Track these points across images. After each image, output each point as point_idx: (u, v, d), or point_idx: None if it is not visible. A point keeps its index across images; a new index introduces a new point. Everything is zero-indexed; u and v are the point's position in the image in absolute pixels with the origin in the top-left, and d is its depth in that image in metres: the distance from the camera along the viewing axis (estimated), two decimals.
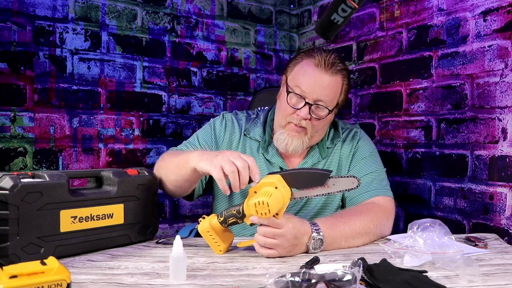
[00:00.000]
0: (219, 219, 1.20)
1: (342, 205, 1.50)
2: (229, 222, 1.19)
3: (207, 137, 1.52)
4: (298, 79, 1.40)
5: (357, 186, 1.21)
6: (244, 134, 1.51)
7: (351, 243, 1.26)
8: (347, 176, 1.21)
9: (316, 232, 1.18)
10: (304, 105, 1.37)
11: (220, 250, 1.20)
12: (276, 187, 1.11)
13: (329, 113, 1.40)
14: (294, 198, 1.19)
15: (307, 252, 1.19)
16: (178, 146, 1.53)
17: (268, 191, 1.10)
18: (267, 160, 1.48)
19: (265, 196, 1.09)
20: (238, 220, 1.19)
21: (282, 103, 1.43)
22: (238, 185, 1.13)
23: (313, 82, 1.37)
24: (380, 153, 1.56)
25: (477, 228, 1.62)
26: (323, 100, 1.38)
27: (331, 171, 1.20)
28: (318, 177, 1.17)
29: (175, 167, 1.32)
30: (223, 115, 1.57)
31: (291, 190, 1.16)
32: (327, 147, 1.50)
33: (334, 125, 1.55)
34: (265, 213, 1.09)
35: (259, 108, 1.64)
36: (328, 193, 1.20)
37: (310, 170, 1.23)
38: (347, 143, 1.51)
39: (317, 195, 1.20)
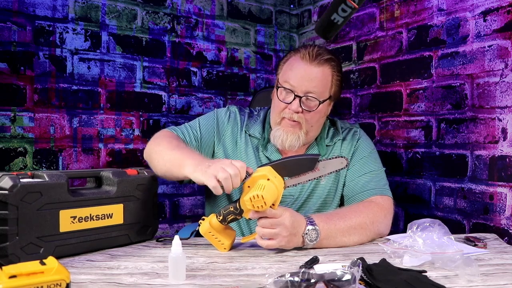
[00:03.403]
0: (219, 218, 1.21)
1: (341, 204, 1.51)
2: (229, 219, 1.20)
3: (209, 127, 1.52)
4: (286, 75, 1.43)
5: (346, 165, 1.25)
6: (245, 131, 1.52)
7: (347, 238, 1.27)
8: (335, 157, 1.25)
9: (311, 224, 1.20)
10: (294, 98, 1.39)
11: (225, 248, 1.21)
12: (268, 179, 1.13)
13: (319, 104, 1.41)
14: (288, 186, 1.21)
15: (303, 245, 1.20)
16: (178, 128, 1.52)
17: (261, 184, 1.12)
18: (267, 157, 1.49)
19: (259, 189, 1.11)
20: (237, 217, 1.20)
21: (274, 101, 1.47)
22: (231, 189, 1.14)
23: (300, 75, 1.40)
24: (380, 153, 1.56)
25: (477, 228, 1.62)
26: (312, 92, 1.40)
27: (319, 155, 1.24)
28: (308, 162, 1.20)
29: (168, 162, 1.31)
30: (228, 107, 1.58)
31: (283, 179, 1.17)
32: (327, 145, 1.51)
33: (333, 124, 1.57)
34: (261, 205, 1.11)
35: (260, 108, 1.65)
36: (320, 176, 1.23)
37: (298, 157, 1.24)
38: (347, 142, 1.52)
39: (309, 180, 1.23)
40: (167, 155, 1.32)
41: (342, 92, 2.21)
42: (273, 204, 1.14)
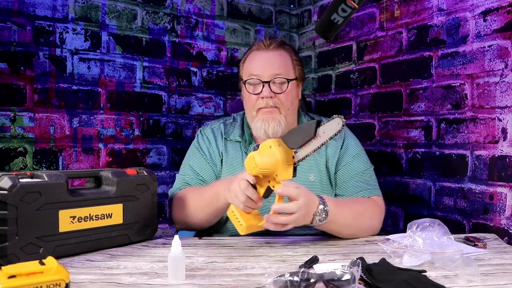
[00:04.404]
0: None
1: None
2: None
3: (201, 162, 1.53)
4: (249, 69, 1.48)
5: (343, 126, 1.17)
6: (225, 138, 1.54)
7: (347, 228, 1.31)
8: (332, 118, 1.17)
9: (323, 204, 1.22)
10: (263, 85, 1.44)
11: (242, 230, 1.20)
12: (270, 146, 1.13)
13: (288, 83, 1.45)
14: (299, 161, 1.16)
15: (312, 223, 1.22)
16: (180, 184, 1.52)
17: (260, 149, 1.15)
18: None
19: (255, 152, 1.14)
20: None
21: (245, 98, 1.51)
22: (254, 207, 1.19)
23: (261, 63, 1.46)
24: (380, 153, 1.56)
25: (477, 228, 1.62)
26: (278, 73, 1.45)
27: (319, 120, 1.16)
28: (309, 127, 1.13)
29: (206, 208, 1.37)
30: (200, 131, 1.60)
31: (294, 152, 1.15)
32: None
33: (312, 119, 1.60)
34: (253, 167, 1.13)
35: (236, 114, 1.66)
36: (323, 144, 1.17)
37: (302, 124, 1.21)
38: (331, 140, 1.51)
39: (315, 150, 1.17)
40: (201, 202, 1.37)
41: (342, 92, 2.23)
42: (276, 175, 1.14)
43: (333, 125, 1.17)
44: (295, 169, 1.16)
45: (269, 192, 1.19)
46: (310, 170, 1.49)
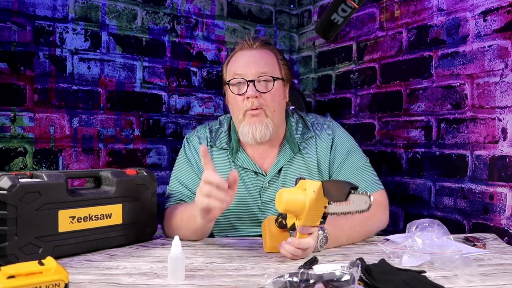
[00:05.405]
0: (275, 218, 1.22)
1: None
2: (278, 221, 1.20)
3: (190, 175, 1.46)
4: (233, 69, 1.42)
5: (368, 207, 1.03)
6: (211, 146, 1.48)
7: (351, 240, 1.29)
8: (363, 193, 1.04)
9: (321, 230, 1.19)
10: (248, 85, 1.38)
11: (266, 247, 1.22)
12: (305, 189, 1.06)
13: (274, 81, 1.39)
14: (328, 214, 1.07)
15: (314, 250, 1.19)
16: (171, 198, 1.45)
17: (293, 189, 1.08)
18: (239, 166, 1.45)
19: (287, 191, 1.07)
20: (283, 221, 1.17)
21: (231, 100, 1.43)
22: (219, 201, 1.13)
23: (245, 62, 1.41)
24: (380, 153, 1.56)
25: (477, 228, 1.62)
26: (263, 71, 1.39)
27: (355, 187, 1.02)
28: (344, 187, 0.99)
29: (189, 228, 1.31)
30: (186, 139, 1.53)
31: (329, 203, 1.05)
32: (298, 141, 1.46)
33: (302, 119, 1.53)
34: (280, 203, 1.07)
35: (222, 118, 1.58)
36: (349, 213, 1.05)
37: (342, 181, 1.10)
38: (321, 140, 1.47)
39: (343, 213, 1.06)
40: (183, 224, 1.33)
41: (342, 92, 2.23)
42: (300, 218, 1.08)
43: (361, 201, 1.04)
44: (324, 217, 1.08)
45: (294, 227, 1.13)
46: (300, 172, 1.43)
